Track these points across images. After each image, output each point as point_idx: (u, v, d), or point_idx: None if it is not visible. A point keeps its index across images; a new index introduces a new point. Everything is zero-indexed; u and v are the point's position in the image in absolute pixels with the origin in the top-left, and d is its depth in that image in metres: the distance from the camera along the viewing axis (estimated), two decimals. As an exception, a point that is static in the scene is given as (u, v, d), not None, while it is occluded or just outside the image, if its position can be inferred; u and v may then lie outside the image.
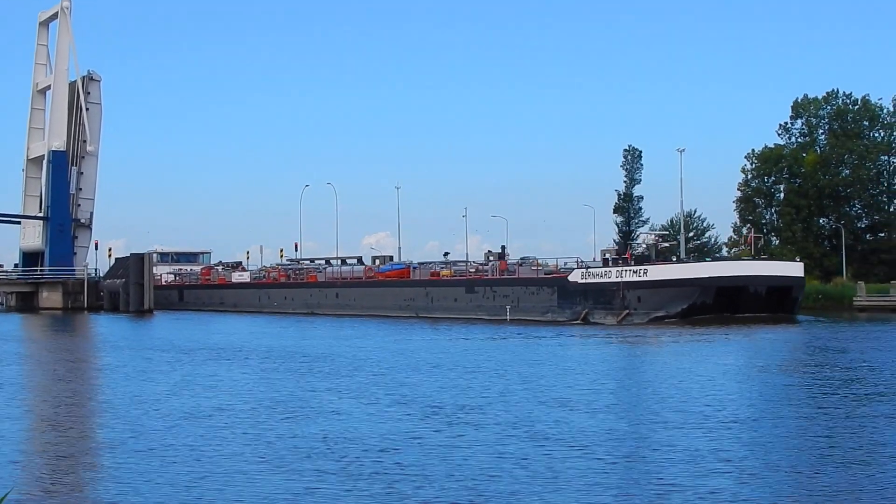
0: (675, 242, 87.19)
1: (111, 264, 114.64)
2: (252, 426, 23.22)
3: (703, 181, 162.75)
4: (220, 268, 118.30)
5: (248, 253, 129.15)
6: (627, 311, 64.93)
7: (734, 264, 69.08)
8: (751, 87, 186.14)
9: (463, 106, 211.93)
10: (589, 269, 69.80)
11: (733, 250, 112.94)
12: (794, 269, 68.52)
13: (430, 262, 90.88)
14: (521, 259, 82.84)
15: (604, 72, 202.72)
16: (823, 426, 22.38)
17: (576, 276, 69.82)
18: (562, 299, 70.17)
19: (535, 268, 78.57)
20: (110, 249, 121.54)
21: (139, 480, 17.40)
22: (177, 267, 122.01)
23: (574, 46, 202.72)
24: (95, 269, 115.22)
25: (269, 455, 19.52)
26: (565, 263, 77.09)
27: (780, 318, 62.99)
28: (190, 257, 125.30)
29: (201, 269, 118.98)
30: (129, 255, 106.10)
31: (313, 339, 55.46)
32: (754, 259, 72.46)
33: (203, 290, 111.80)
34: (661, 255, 71.76)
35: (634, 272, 65.76)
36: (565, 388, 29.82)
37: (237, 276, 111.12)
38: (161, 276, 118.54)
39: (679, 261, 73.12)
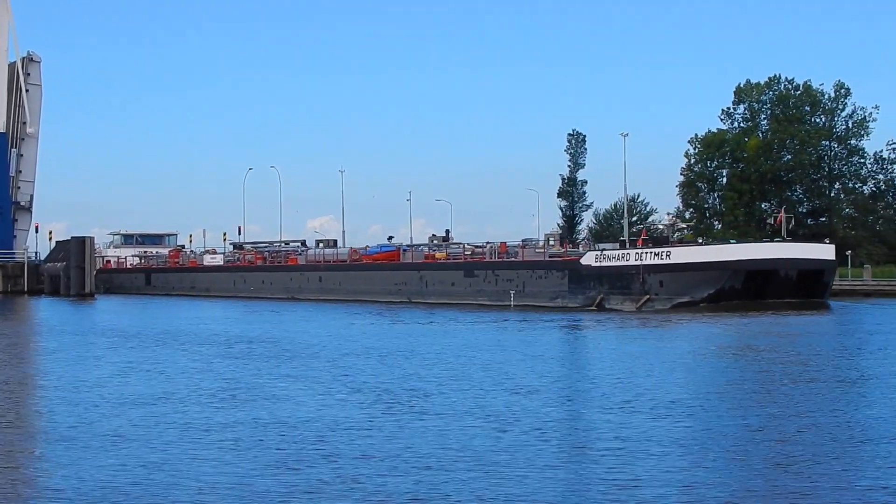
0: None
1: (52, 247, 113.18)
2: (191, 414, 23.02)
3: (646, 166, 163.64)
4: (187, 250, 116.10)
5: (190, 236, 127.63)
6: (648, 296, 61.43)
7: (763, 246, 64.81)
8: (694, 72, 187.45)
9: (406, 90, 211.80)
10: (604, 252, 66.27)
11: (675, 235, 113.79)
12: (826, 251, 64.72)
13: (421, 245, 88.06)
14: (524, 241, 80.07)
15: (548, 56, 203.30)
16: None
17: (589, 259, 66.06)
18: (573, 284, 66.29)
19: (539, 250, 74.99)
20: (51, 232, 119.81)
21: (71, 470, 17.19)
22: (141, 249, 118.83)
23: (518, 31, 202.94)
24: (36, 253, 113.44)
25: (207, 445, 19.35)
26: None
27: (812, 303, 59.86)
28: (155, 239, 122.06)
29: (169, 251, 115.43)
30: (70, 238, 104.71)
31: (283, 325, 54.76)
32: (784, 241, 67.52)
33: (172, 274, 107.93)
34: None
35: (656, 254, 62.07)
36: (566, 378, 29.79)
37: (209, 259, 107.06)
38: (125, 259, 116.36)
39: (705, 243, 69.96)
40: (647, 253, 62.62)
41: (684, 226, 76.73)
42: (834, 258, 64.97)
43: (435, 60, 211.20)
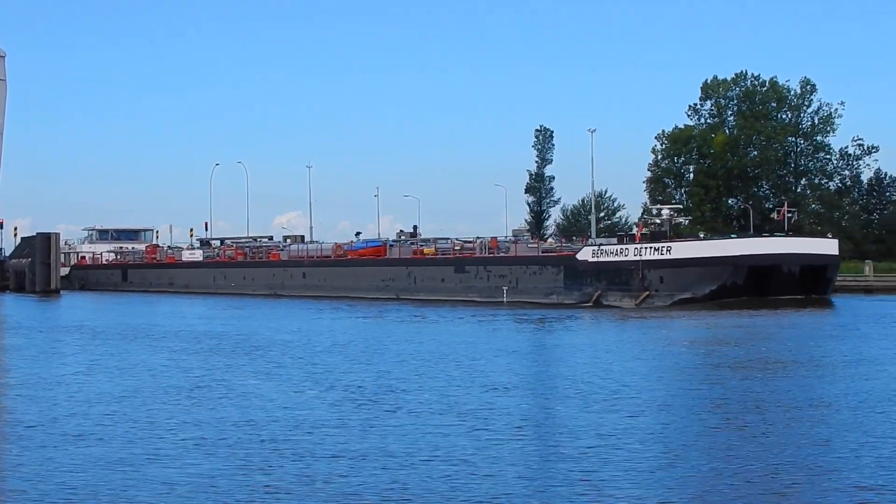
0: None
1: (17, 244, 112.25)
2: (156, 412, 22.75)
3: (613, 161, 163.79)
4: (165, 246, 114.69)
5: (157, 232, 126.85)
6: (648, 292, 60.12)
7: (766, 241, 62.75)
8: (661, 68, 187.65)
9: (374, 86, 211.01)
10: (602, 247, 65.06)
11: (643, 231, 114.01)
12: (829, 246, 62.95)
13: (407, 240, 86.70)
14: (514, 234, 78.98)
15: (515, 52, 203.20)
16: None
17: (585, 255, 64.74)
18: (569, 280, 65.03)
19: (532, 245, 73.56)
20: (16, 229, 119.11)
21: (31, 470, 16.92)
22: (117, 245, 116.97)
23: (484, 27, 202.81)
24: (1, 249, 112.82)
25: (172, 444, 19.09)
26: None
27: (815, 300, 58.98)
28: (131, 235, 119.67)
29: (146, 247, 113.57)
30: (35, 234, 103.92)
31: (259, 321, 54.31)
32: (787, 236, 65.61)
33: (150, 270, 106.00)
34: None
35: (656, 250, 60.82)
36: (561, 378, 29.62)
37: (188, 255, 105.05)
38: (101, 255, 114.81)
39: (707, 237, 67.83)
40: (646, 248, 61.44)
41: (682, 220, 74.71)
42: (837, 253, 63.56)
43: (405, 59, 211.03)
